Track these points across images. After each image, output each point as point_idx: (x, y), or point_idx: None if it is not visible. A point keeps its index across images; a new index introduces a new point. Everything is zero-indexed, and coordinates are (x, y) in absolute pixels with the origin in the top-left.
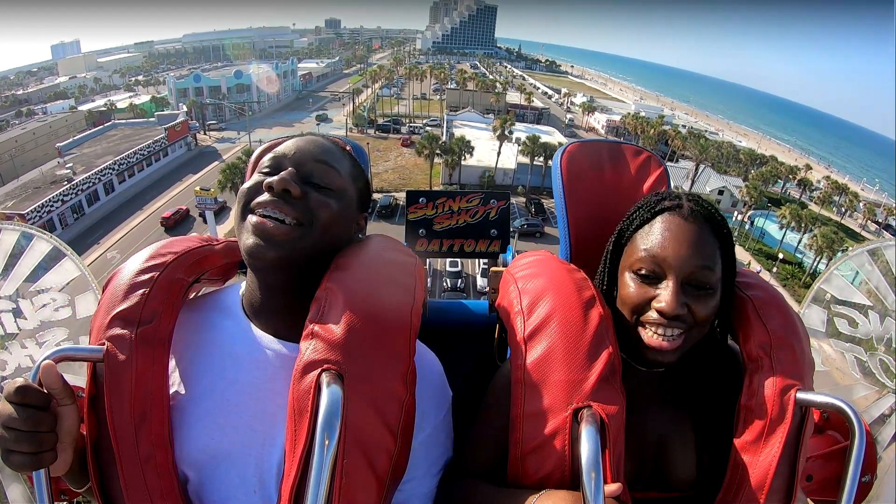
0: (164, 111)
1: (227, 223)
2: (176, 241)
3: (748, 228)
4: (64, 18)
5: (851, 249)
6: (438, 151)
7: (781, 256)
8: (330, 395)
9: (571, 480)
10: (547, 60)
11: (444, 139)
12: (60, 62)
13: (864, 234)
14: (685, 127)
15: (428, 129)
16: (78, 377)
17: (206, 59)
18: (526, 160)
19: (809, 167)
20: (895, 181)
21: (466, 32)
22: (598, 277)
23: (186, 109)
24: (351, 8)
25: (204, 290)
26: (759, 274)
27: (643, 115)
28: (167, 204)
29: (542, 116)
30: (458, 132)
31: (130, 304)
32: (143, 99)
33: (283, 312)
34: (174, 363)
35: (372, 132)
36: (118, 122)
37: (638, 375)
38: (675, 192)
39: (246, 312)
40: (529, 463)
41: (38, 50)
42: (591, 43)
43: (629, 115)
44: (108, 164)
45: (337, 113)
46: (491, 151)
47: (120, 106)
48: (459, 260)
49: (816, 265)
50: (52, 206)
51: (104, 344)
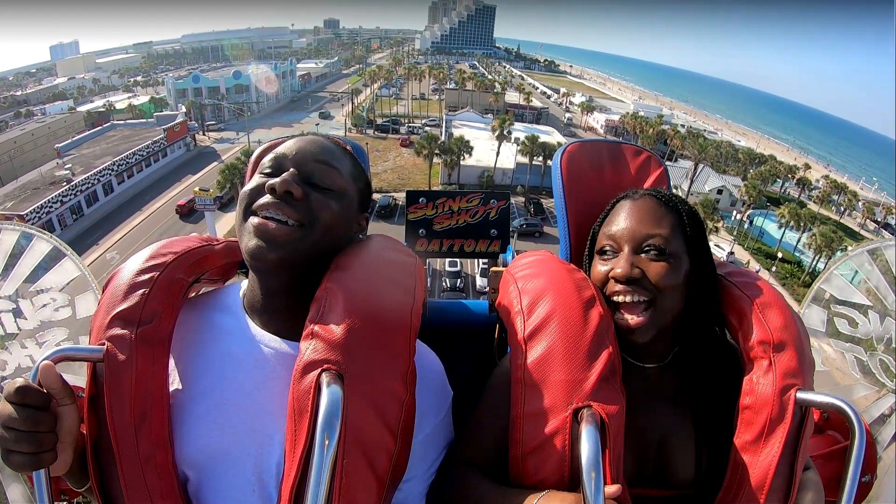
0: (162, 112)
1: (226, 221)
2: (176, 241)
3: (747, 228)
4: (62, 19)
5: (851, 249)
6: (437, 151)
7: (780, 255)
8: (330, 395)
9: (571, 480)
10: (546, 60)
11: (442, 139)
12: (59, 63)
13: (862, 232)
14: (684, 126)
15: (427, 129)
16: (78, 377)
17: (204, 59)
18: (525, 160)
19: (808, 166)
20: (895, 180)
21: (465, 32)
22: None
23: (185, 110)
24: (350, 8)
25: (203, 289)
26: (758, 273)
27: (642, 114)
28: (167, 204)
29: (540, 116)
30: (456, 132)
31: (130, 304)
32: (141, 100)
33: (283, 312)
34: (174, 362)
35: (371, 132)
36: (117, 122)
37: (638, 375)
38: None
39: (247, 312)
40: (530, 463)
41: (36, 51)
42: (589, 43)
43: (628, 114)
44: (106, 164)
45: (336, 113)
46: (490, 151)
47: (119, 107)
48: (459, 260)
49: (815, 264)
50: (51, 206)
51: (104, 344)
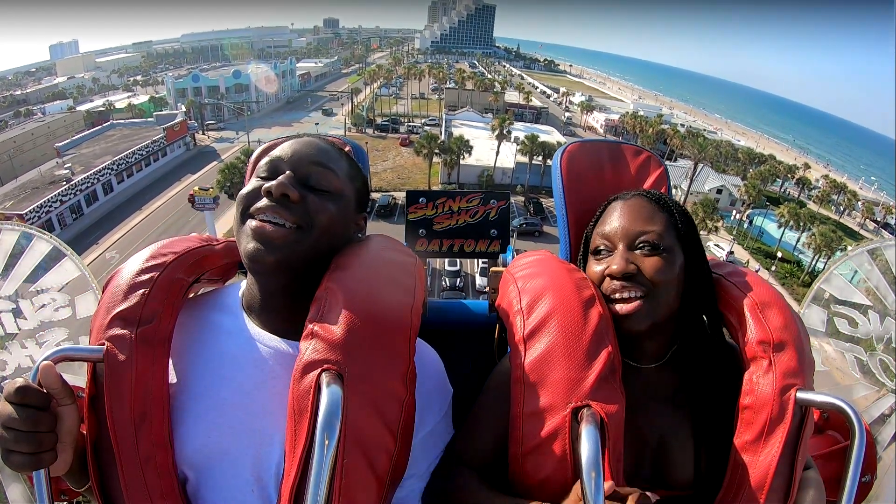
0: (162, 111)
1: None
2: (176, 240)
3: (747, 227)
4: (62, 18)
5: (851, 249)
6: (437, 151)
7: (780, 255)
8: (330, 395)
9: (573, 480)
10: (545, 60)
11: (442, 138)
12: (59, 62)
13: (862, 232)
14: (684, 126)
15: (427, 128)
16: (78, 377)
17: (204, 58)
18: (524, 159)
19: (808, 166)
20: (895, 180)
21: (465, 32)
22: None
23: (185, 109)
24: (349, 7)
25: (203, 290)
26: (757, 273)
27: (642, 114)
28: (166, 204)
29: (540, 115)
30: (456, 131)
31: (130, 304)
32: (141, 99)
33: (282, 312)
34: (173, 362)
35: (370, 132)
36: (117, 122)
37: (639, 374)
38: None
39: (246, 312)
40: (529, 462)
41: (36, 50)
42: (589, 42)
43: (628, 114)
44: (106, 164)
45: (337, 111)
46: (490, 151)
47: (118, 106)
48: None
49: (815, 263)
50: (50, 206)
51: (104, 344)
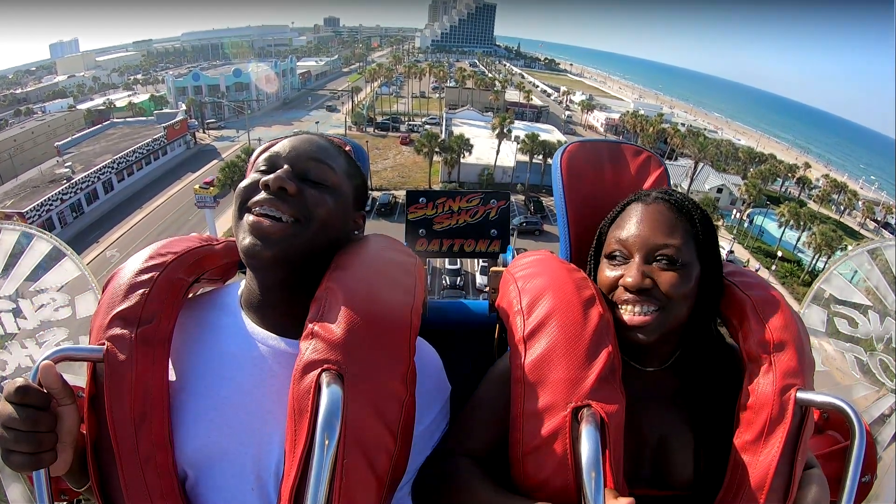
0: (163, 110)
1: (226, 220)
2: (176, 240)
3: (747, 226)
4: (62, 17)
5: (851, 249)
6: (437, 149)
7: (780, 254)
8: (330, 395)
9: (573, 480)
10: (546, 59)
11: (443, 137)
12: (59, 61)
13: (862, 232)
14: (684, 125)
15: (427, 127)
16: (78, 377)
17: (204, 57)
18: (525, 158)
19: (808, 165)
20: (895, 180)
21: (465, 31)
22: (587, 275)
23: (185, 108)
24: (350, 6)
25: (203, 289)
26: (758, 272)
27: (642, 113)
28: (166, 202)
29: (541, 114)
30: (457, 130)
31: (130, 303)
32: (141, 97)
33: (281, 309)
34: (173, 362)
35: (371, 130)
36: (117, 120)
37: (638, 375)
38: (650, 189)
39: (245, 310)
40: (530, 463)
41: (36, 49)
42: (589, 41)
43: (628, 113)
44: (107, 162)
45: (333, 113)
46: (490, 149)
47: (119, 105)
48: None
49: (815, 263)
50: (51, 204)
51: (104, 344)
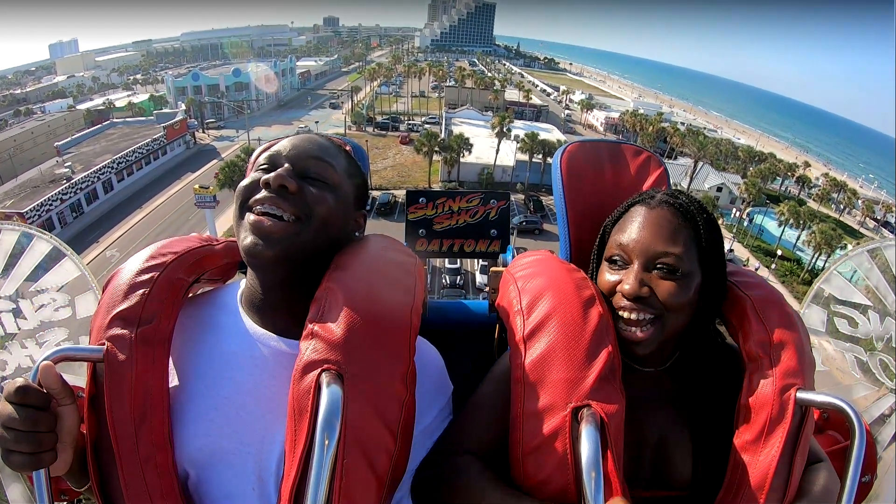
0: (162, 110)
1: (225, 220)
2: (176, 240)
3: (747, 225)
4: (62, 17)
5: (851, 249)
6: (437, 149)
7: (780, 253)
8: (330, 395)
9: (574, 480)
10: (545, 58)
11: (442, 136)
12: (58, 61)
13: (862, 230)
14: (684, 124)
15: (427, 126)
16: (78, 377)
17: (204, 57)
18: (525, 157)
19: (808, 164)
20: (895, 179)
21: (465, 30)
22: (589, 275)
23: (185, 108)
24: (349, 6)
25: (202, 289)
26: (757, 271)
27: (642, 112)
28: (166, 202)
29: (540, 114)
30: (456, 129)
31: (130, 304)
32: (141, 97)
33: (282, 309)
34: (173, 362)
35: (370, 130)
36: (117, 120)
37: (638, 375)
38: (657, 189)
39: (245, 310)
40: (530, 463)
41: (35, 49)
42: (589, 41)
43: (628, 112)
44: (106, 162)
45: (336, 111)
46: (490, 149)
47: (118, 105)
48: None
49: (815, 261)
50: (51, 204)
51: (104, 344)
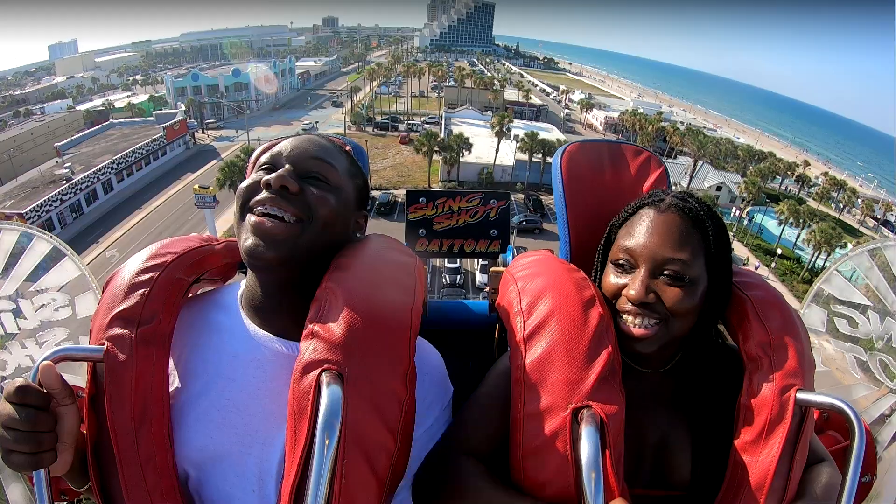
0: (162, 110)
1: (225, 220)
2: (176, 240)
3: (746, 224)
4: (61, 18)
5: (851, 249)
6: (437, 148)
7: (779, 252)
8: (330, 395)
9: (574, 480)
10: (545, 58)
11: (442, 136)
12: (58, 62)
13: (862, 229)
14: (683, 123)
15: (426, 126)
16: (78, 377)
17: (203, 58)
18: (524, 157)
19: (808, 163)
20: (894, 177)
21: (464, 30)
22: (592, 274)
23: (185, 108)
24: (348, 6)
25: (202, 289)
26: (757, 270)
27: (641, 111)
28: (166, 202)
29: (540, 113)
30: (456, 129)
31: (130, 303)
32: (141, 98)
33: (283, 311)
34: (174, 362)
35: (370, 130)
36: (116, 121)
37: (638, 376)
38: (665, 190)
39: (245, 311)
40: (530, 464)
41: (35, 50)
42: (588, 40)
43: (627, 111)
44: (106, 163)
45: (336, 111)
46: (489, 148)
47: (118, 105)
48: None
49: (815, 260)
50: (50, 205)
51: (104, 344)
